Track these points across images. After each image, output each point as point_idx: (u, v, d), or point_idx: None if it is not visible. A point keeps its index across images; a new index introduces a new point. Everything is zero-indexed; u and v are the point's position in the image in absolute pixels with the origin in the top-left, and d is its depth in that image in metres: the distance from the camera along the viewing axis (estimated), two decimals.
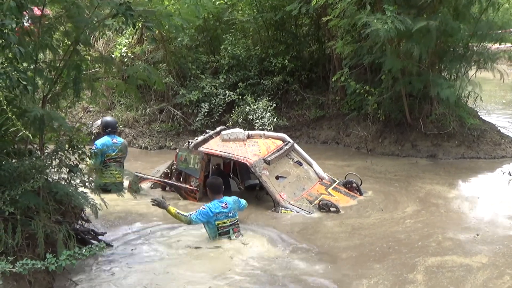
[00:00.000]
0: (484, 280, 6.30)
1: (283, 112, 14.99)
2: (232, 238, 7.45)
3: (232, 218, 7.51)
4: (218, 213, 7.38)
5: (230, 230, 7.49)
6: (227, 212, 7.45)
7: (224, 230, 7.45)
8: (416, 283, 6.26)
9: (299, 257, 7.04)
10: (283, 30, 15.78)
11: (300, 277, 6.48)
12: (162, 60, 15.00)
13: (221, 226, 7.43)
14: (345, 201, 9.18)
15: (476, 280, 6.31)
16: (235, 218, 7.57)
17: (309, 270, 6.69)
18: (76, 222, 7.08)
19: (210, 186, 7.89)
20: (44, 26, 6.21)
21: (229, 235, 7.47)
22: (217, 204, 7.45)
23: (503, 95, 20.33)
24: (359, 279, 6.40)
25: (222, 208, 7.43)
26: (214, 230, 7.44)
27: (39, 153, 6.46)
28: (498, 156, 12.38)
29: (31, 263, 4.98)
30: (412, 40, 11.36)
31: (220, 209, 7.41)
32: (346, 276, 6.49)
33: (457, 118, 12.64)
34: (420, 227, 8.05)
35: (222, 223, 7.43)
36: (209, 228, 7.48)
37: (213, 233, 7.46)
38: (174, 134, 14.77)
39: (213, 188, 7.75)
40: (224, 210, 7.43)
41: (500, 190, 10.05)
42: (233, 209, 7.55)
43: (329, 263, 6.88)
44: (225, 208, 7.45)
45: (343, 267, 6.79)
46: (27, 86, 5.25)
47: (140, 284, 6.26)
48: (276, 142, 9.84)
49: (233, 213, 7.53)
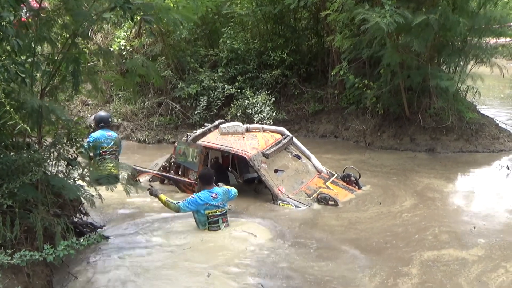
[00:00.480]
0: (478, 274, 6.33)
1: (281, 106, 14.99)
2: (221, 228, 7.62)
3: (221, 208, 7.66)
4: (208, 202, 7.53)
5: (220, 219, 7.65)
6: (216, 202, 7.58)
7: (213, 220, 7.58)
8: (410, 276, 6.27)
9: (298, 251, 7.06)
10: (282, 23, 15.75)
11: (299, 270, 6.50)
12: (160, 53, 14.97)
13: (211, 215, 7.57)
14: (344, 194, 9.19)
15: (470, 274, 6.33)
16: (224, 208, 7.70)
17: (307, 264, 6.71)
18: (74, 215, 7.09)
19: (201, 176, 8.00)
20: (42, 19, 6.20)
21: (219, 224, 7.63)
22: (207, 193, 7.57)
23: (502, 89, 20.32)
24: (355, 273, 6.41)
25: (212, 198, 7.57)
26: (204, 219, 7.58)
27: (37, 146, 6.46)
28: (496, 150, 12.38)
29: (29, 254, 4.98)
30: (410, 34, 11.37)
31: (210, 199, 7.55)
32: (346, 270, 6.50)
33: (455, 112, 12.63)
34: (417, 221, 8.08)
35: (212, 212, 7.58)
36: (199, 217, 7.61)
37: (202, 222, 7.61)
38: (173, 128, 14.78)
39: (204, 179, 7.85)
40: (213, 201, 7.54)
41: (498, 184, 10.08)
42: (223, 199, 7.67)
43: (328, 258, 6.90)
44: (215, 198, 7.58)
45: (342, 261, 6.81)
46: (25, 79, 5.24)
47: (138, 276, 6.29)
48: (275, 136, 9.85)
49: (222, 204, 7.67)
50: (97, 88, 7.70)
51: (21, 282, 5.31)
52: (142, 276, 6.35)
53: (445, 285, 6.09)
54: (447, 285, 6.08)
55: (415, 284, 6.10)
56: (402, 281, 6.18)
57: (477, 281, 6.17)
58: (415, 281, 6.17)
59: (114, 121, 10.58)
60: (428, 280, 6.20)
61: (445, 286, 6.08)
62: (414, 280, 6.20)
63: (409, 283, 6.13)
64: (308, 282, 6.22)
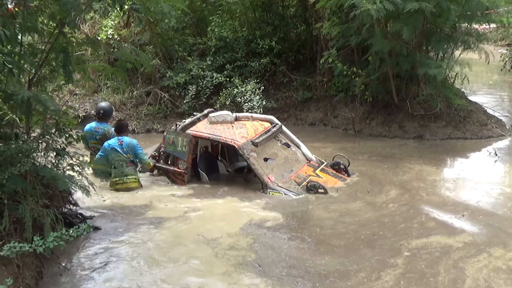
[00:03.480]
0: (456, 260, 6.33)
1: (270, 94, 14.96)
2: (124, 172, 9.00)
3: (126, 155, 9.05)
4: (113, 147, 9.00)
5: (124, 164, 9.02)
6: (121, 148, 9.02)
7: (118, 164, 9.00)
8: (395, 267, 6.25)
9: (290, 244, 7.07)
10: (270, 11, 15.73)
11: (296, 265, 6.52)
12: (148, 42, 14.92)
13: (116, 160, 8.99)
14: (333, 182, 9.21)
15: (449, 260, 6.34)
16: (128, 155, 9.09)
17: (304, 257, 6.72)
18: (63, 206, 7.08)
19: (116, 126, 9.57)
20: (29, 8, 6.13)
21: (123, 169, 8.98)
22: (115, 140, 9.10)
23: (490, 75, 20.40)
24: (344, 266, 6.36)
25: (118, 144, 9.04)
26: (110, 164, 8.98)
27: (25, 136, 6.42)
28: (484, 137, 12.46)
29: (19, 246, 4.98)
30: (399, 21, 11.34)
31: (116, 144, 9.03)
32: (338, 264, 6.46)
33: (444, 99, 12.69)
34: (405, 210, 8.06)
35: (117, 156, 8.99)
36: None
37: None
38: (162, 117, 14.74)
39: (118, 128, 9.39)
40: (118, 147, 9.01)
41: (487, 170, 10.13)
42: (128, 148, 9.09)
43: (320, 252, 6.92)
44: (121, 145, 9.02)
45: (332, 253, 6.82)
46: (12, 69, 5.19)
47: (131, 267, 6.29)
48: (264, 124, 9.85)
49: (126, 151, 9.05)
50: (87, 77, 7.65)
51: (11, 274, 5.30)
52: (136, 265, 6.36)
53: (425, 274, 6.08)
54: (427, 274, 6.08)
55: (397, 275, 6.06)
56: (386, 273, 6.15)
57: (454, 267, 6.17)
58: (399, 272, 6.14)
59: (113, 113, 10.40)
60: (412, 269, 6.19)
61: (425, 275, 6.07)
62: (398, 270, 6.16)
63: (391, 274, 6.10)
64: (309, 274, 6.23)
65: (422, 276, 6.04)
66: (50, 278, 6.04)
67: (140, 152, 9.23)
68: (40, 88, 6.71)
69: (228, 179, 9.78)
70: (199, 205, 8.32)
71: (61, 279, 6.03)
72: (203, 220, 7.70)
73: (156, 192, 9.02)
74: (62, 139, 6.50)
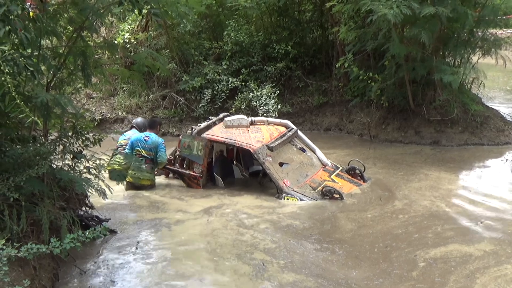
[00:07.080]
0: (472, 271, 6.21)
1: (286, 99, 14.97)
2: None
3: (148, 152, 9.33)
4: (139, 140, 9.37)
5: (143, 160, 9.29)
6: (145, 144, 9.34)
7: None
8: (408, 277, 6.16)
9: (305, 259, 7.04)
10: (286, 16, 15.70)
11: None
12: (165, 46, 15.00)
13: (137, 154, 9.28)
14: (348, 187, 9.18)
15: (464, 270, 6.23)
16: (150, 153, 9.35)
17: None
18: (80, 209, 7.11)
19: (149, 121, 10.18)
20: (49, 12, 6.19)
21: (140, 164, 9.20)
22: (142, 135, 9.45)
23: (506, 81, 20.21)
24: (353, 277, 6.35)
25: (144, 139, 9.37)
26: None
27: (43, 139, 6.47)
28: (501, 143, 12.35)
29: (36, 247, 4.99)
30: (416, 26, 11.29)
31: (142, 140, 9.36)
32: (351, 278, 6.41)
33: (460, 105, 12.60)
34: (421, 219, 7.93)
35: (138, 151, 9.31)
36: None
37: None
38: (177, 121, 14.80)
39: (150, 124, 9.92)
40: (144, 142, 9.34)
41: (504, 177, 10.02)
42: (153, 145, 9.35)
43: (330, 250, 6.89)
44: (146, 141, 9.35)
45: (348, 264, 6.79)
46: (33, 72, 5.23)
47: (148, 270, 6.32)
48: (279, 129, 9.84)
49: (150, 148, 9.34)
50: (106, 80, 7.72)
51: (28, 275, 5.33)
52: (152, 268, 6.39)
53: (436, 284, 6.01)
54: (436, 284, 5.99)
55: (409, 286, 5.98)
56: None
57: (467, 277, 6.07)
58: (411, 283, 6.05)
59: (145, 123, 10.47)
60: (426, 279, 6.09)
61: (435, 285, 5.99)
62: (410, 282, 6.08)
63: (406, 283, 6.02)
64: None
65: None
66: (66, 280, 6.08)
67: (163, 151, 9.39)
68: (58, 91, 6.77)
69: (243, 183, 9.79)
70: (213, 209, 8.34)
71: (76, 281, 6.06)
72: (216, 224, 7.70)
73: (171, 196, 9.07)
74: (79, 142, 6.54)
